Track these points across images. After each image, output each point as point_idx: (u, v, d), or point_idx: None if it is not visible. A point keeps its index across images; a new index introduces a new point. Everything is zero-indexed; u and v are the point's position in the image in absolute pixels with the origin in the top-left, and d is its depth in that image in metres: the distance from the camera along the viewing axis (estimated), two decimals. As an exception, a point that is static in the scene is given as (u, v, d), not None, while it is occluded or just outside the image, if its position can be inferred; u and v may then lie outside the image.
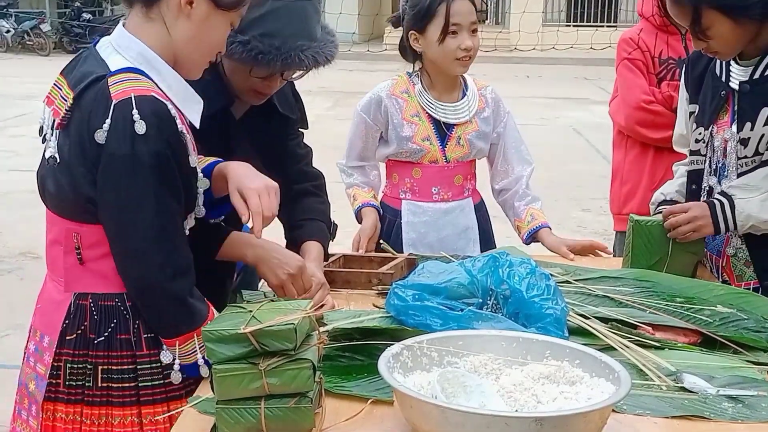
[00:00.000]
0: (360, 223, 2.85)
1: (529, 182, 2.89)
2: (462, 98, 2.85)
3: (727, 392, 1.76)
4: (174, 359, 1.83)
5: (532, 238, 2.81)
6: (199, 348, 1.81)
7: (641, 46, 3.34)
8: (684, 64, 2.64)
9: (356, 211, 2.88)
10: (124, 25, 1.84)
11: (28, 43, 21.83)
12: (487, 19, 23.09)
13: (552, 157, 9.02)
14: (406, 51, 2.84)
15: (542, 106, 13.26)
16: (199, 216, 1.91)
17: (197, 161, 1.87)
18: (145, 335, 1.83)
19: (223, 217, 2.08)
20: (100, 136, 1.71)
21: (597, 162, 9.16)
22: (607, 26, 21.71)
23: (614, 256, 2.93)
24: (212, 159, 1.99)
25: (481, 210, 2.95)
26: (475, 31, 2.74)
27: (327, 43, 2.13)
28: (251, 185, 1.87)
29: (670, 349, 1.97)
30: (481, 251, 2.80)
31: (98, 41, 1.85)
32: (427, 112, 2.81)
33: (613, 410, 1.58)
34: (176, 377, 1.84)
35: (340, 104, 12.44)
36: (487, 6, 25.57)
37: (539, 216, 2.83)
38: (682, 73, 2.62)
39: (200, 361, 1.83)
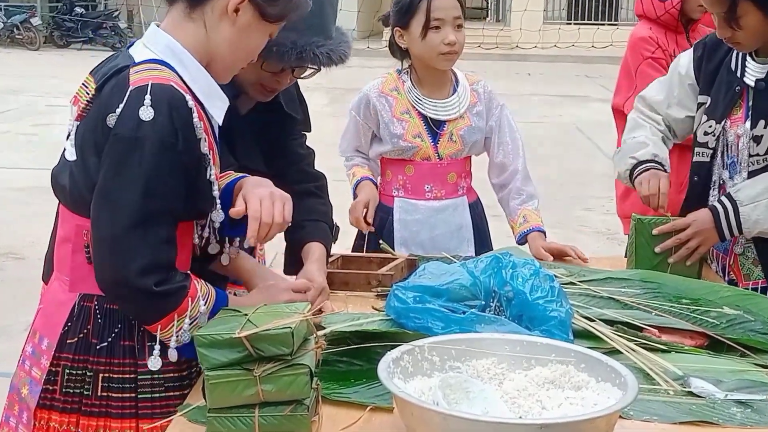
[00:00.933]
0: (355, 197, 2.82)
1: (525, 176, 2.83)
2: (452, 94, 2.82)
3: (735, 397, 1.73)
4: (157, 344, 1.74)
5: (524, 240, 2.76)
6: (177, 330, 1.71)
7: (660, 44, 3.33)
8: (694, 49, 2.58)
9: (355, 185, 2.85)
10: (158, 26, 1.83)
11: (17, 37, 21.49)
12: (488, 17, 23.16)
13: (553, 154, 9.00)
14: (394, 48, 2.84)
15: (543, 104, 13.26)
16: (216, 220, 1.83)
17: (214, 170, 1.80)
18: (149, 344, 1.77)
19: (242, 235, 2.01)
20: (111, 120, 1.69)
21: (599, 160, 9.13)
22: (608, 25, 21.77)
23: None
24: (236, 175, 1.94)
25: (476, 209, 2.91)
26: (460, 26, 2.73)
27: (341, 43, 2.13)
28: (255, 190, 1.83)
29: (676, 352, 1.94)
30: (476, 251, 2.78)
31: (133, 43, 1.84)
32: (417, 109, 2.79)
33: (620, 416, 1.55)
34: (173, 355, 1.73)
35: (337, 101, 12.37)
36: (488, 4, 25.69)
37: (532, 218, 2.77)
38: (692, 59, 2.57)
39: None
